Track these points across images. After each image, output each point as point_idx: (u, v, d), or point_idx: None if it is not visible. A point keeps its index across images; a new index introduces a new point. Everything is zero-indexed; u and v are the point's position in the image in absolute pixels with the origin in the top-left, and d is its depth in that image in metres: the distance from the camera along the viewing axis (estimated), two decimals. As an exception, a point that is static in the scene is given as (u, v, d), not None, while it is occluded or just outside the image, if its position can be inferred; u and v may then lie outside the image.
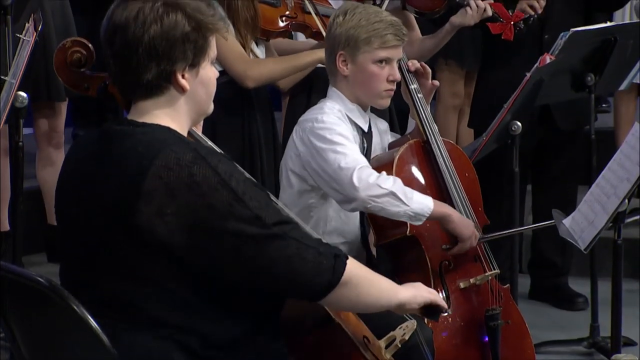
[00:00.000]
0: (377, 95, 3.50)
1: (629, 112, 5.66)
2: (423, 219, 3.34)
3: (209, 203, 2.22)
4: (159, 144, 2.26)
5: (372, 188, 3.27)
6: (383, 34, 3.43)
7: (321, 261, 2.29)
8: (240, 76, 3.84)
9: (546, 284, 4.94)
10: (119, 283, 2.28)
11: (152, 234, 2.21)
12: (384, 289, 2.44)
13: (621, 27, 4.48)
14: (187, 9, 2.31)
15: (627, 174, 3.15)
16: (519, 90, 3.92)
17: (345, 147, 3.35)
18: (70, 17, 4.82)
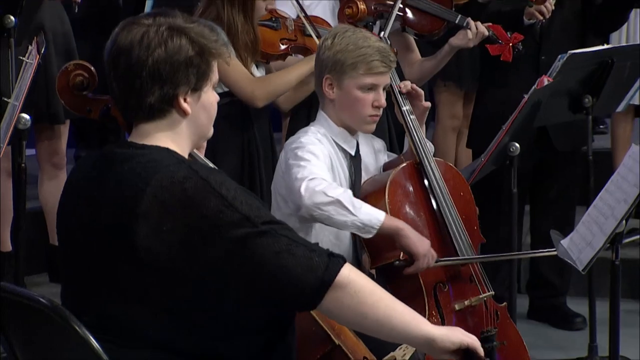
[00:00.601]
0: (362, 120, 3.46)
1: (626, 134, 5.66)
2: (373, 231, 3.26)
3: (202, 213, 2.22)
4: (155, 165, 2.27)
5: (317, 195, 3.21)
6: (369, 60, 3.39)
7: (312, 257, 2.21)
8: (249, 97, 3.85)
9: (544, 304, 4.94)
10: (120, 304, 2.28)
11: (151, 254, 2.22)
12: (399, 311, 2.27)
13: (618, 49, 4.50)
14: (191, 34, 2.32)
15: (624, 195, 3.15)
16: (517, 112, 3.92)
17: (308, 162, 3.30)
18: (72, 39, 4.83)
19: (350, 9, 4.04)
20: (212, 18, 3.76)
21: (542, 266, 4.89)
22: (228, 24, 3.80)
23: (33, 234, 4.77)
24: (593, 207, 3.28)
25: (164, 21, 2.32)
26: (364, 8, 4.04)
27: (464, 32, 4.25)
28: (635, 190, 3.11)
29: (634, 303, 5.05)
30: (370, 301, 2.24)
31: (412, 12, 4.29)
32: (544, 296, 4.95)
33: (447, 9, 4.32)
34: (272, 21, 3.99)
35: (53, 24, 4.71)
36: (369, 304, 2.24)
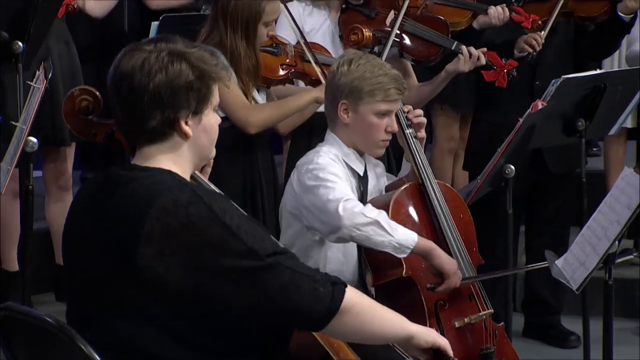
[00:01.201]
0: (374, 144, 3.51)
1: (618, 156, 5.66)
2: (407, 251, 3.31)
3: (205, 240, 2.23)
4: (159, 187, 2.27)
5: (356, 217, 3.26)
6: (386, 88, 3.44)
7: (317, 288, 2.26)
8: (243, 123, 3.85)
9: (539, 323, 4.93)
10: (123, 321, 2.28)
11: (153, 275, 2.22)
12: (389, 318, 2.39)
13: (610, 74, 4.51)
14: (191, 59, 2.33)
15: (617, 217, 3.15)
16: (512, 135, 3.92)
17: (335, 183, 3.34)
18: (77, 63, 4.84)
19: (355, 36, 4.06)
20: (215, 44, 3.77)
21: (537, 285, 4.89)
22: (231, 49, 3.81)
23: (39, 254, 4.77)
24: (586, 228, 3.29)
25: (165, 47, 2.32)
26: (369, 35, 4.07)
27: (458, 58, 4.27)
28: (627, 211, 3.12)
29: (627, 322, 5.05)
30: (369, 317, 2.33)
31: (410, 38, 4.30)
32: (539, 314, 4.94)
33: (444, 36, 4.34)
34: (273, 47, 4.00)
35: (59, 49, 4.73)
36: (367, 321, 2.33)
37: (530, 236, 4.90)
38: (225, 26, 3.84)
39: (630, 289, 5.16)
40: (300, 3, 4.22)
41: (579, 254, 3.25)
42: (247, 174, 3.99)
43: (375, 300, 3.46)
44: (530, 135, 4.05)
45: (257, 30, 3.85)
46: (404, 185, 3.56)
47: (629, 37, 5.01)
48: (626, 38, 5.09)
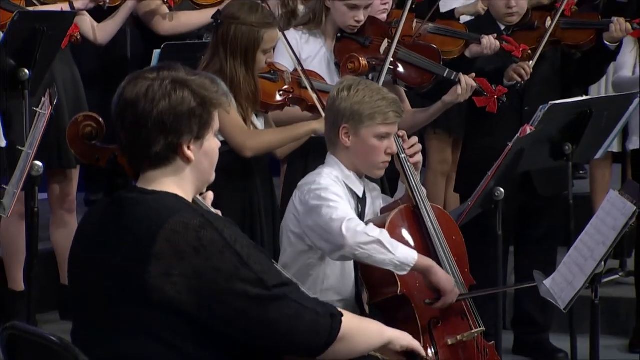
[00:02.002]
0: (375, 166, 3.54)
1: (604, 179, 5.67)
2: (407, 268, 3.32)
3: (216, 266, 2.23)
4: (168, 210, 2.28)
5: (359, 236, 3.28)
6: (386, 111, 3.47)
7: (318, 321, 2.31)
8: (240, 147, 3.84)
9: (529, 340, 4.92)
10: (128, 342, 2.27)
11: (161, 294, 2.22)
12: (371, 330, 2.46)
13: (596, 100, 4.52)
14: (193, 86, 2.33)
15: (603, 238, 3.15)
16: (502, 159, 3.93)
17: (337, 203, 3.37)
18: (81, 89, 4.86)
19: (352, 64, 4.09)
20: (216, 70, 3.78)
21: (526, 304, 4.87)
22: (231, 76, 3.82)
23: (45, 274, 4.76)
24: (574, 249, 3.29)
25: (168, 75, 2.33)
26: (365, 64, 4.09)
27: (454, 88, 4.28)
28: (613, 233, 3.12)
29: (614, 339, 5.04)
30: (357, 338, 2.40)
31: (403, 66, 4.31)
32: (528, 332, 4.92)
33: (436, 63, 4.35)
34: (271, 74, 4.01)
35: (64, 76, 4.75)
36: (356, 342, 2.40)
37: (519, 256, 4.89)
38: (226, 54, 3.85)
39: (616, 307, 5.15)
40: (297, 31, 4.23)
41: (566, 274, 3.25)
42: (246, 197, 3.99)
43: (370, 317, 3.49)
44: (519, 159, 4.05)
45: (256, 57, 3.86)
46: (398, 207, 3.57)
47: (616, 63, 5.03)
48: (613, 64, 5.11)
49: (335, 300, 3.51)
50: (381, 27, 4.33)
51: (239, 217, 3.87)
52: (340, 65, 4.20)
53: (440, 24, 4.80)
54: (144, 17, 5.14)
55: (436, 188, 5.59)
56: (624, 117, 4.40)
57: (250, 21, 3.83)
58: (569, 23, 4.79)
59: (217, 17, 3.90)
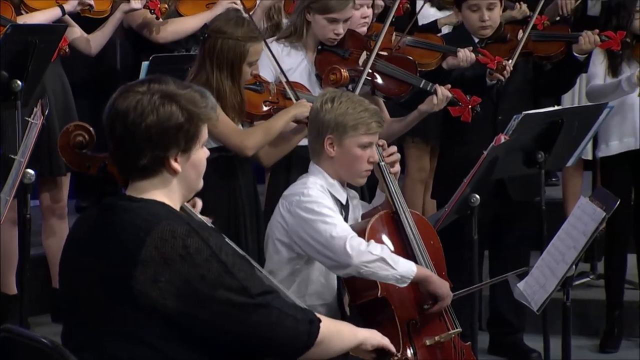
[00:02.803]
0: (358, 174, 3.55)
1: (575, 186, 5.69)
2: (408, 281, 3.36)
3: (201, 273, 2.23)
4: (155, 218, 2.27)
5: (364, 255, 3.31)
6: (368, 122, 3.49)
7: (298, 327, 2.33)
8: (239, 147, 3.85)
9: (503, 341, 4.92)
10: (116, 344, 2.26)
11: (147, 299, 2.21)
12: (345, 333, 2.49)
13: (567, 110, 4.54)
14: (181, 101, 2.32)
15: (574, 243, 3.17)
16: (477, 167, 3.93)
17: (333, 219, 3.39)
18: (71, 99, 4.84)
19: (334, 75, 4.09)
20: (202, 82, 3.77)
21: (501, 306, 4.88)
22: (217, 87, 3.81)
23: (37, 278, 4.73)
24: (546, 253, 3.30)
25: (158, 88, 2.32)
26: (347, 75, 4.09)
27: (430, 98, 4.29)
28: (583, 238, 3.14)
29: (585, 340, 5.06)
30: (333, 341, 2.43)
31: (381, 77, 4.32)
32: (503, 333, 4.93)
33: (412, 74, 4.36)
34: (256, 85, 4.01)
35: (54, 86, 4.73)
36: (332, 345, 2.43)
37: (494, 260, 4.90)
38: (212, 66, 3.85)
39: (587, 309, 5.16)
40: (279, 44, 4.23)
41: (539, 277, 3.26)
42: (231, 202, 3.98)
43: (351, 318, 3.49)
44: (493, 167, 4.06)
45: (241, 69, 3.86)
46: (378, 213, 3.57)
47: (587, 75, 5.05)
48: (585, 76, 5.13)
49: (318, 305, 3.53)
50: (360, 39, 4.34)
51: (224, 222, 3.86)
52: (320, 76, 4.21)
53: (419, 36, 4.81)
54: (138, 29, 5.12)
55: (414, 195, 5.59)
56: (594, 127, 4.42)
57: (236, 35, 3.83)
58: (540, 35, 4.82)
59: (204, 30, 3.91)
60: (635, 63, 4.92)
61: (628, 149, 4.95)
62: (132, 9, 4.89)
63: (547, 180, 5.42)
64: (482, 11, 4.65)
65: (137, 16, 5.03)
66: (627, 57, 4.91)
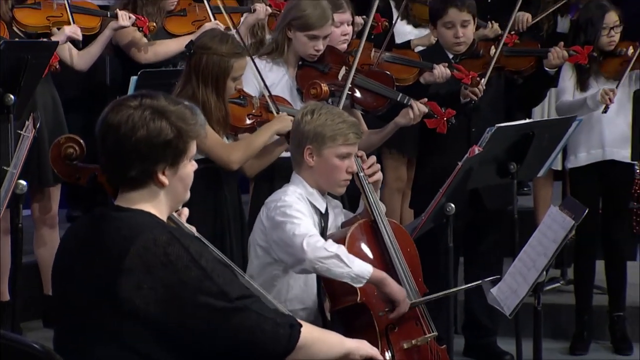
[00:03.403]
0: (337, 184, 3.54)
1: (546, 196, 5.72)
2: (363, 280, 3.32)
3: (182, 279, 2.23)
4: (139, 227, 2.27)
5: (319, 251, 3.28)
6: (346, 133, 3.49)
7: (278, 330, 2.30)
8: (225, 162, 3.85)
9: (478, 344, 4.93)
10: (103, 349, 2.26)
11: (131, 306, 2.21)
12: (331, 341, 2.45)
13: (538, 122, 4.57)
14: (171, 118, 2.32)
15: (544, 250, 3.18)
16: (452, 177, 3.94)
17: (300, 220, 3.38)
18: (61, 113, 4.83)
19: (315, 90, 4.09)
20: (188, 96, 3.76)
21: (475, 310, 4.89)
22: (202, 101, 3.80)
23: (28, 285, 4.72)
24: (518, 260, 3.31)
25: (149, 104, 2.31)
26: (327, 89, 4.10)
27: (406, 111, 4.30)
28: (553, 245, 3.14)
29: (555, 343, 5.08)
30: (317, 348, 2.39)
31: (360, 91, 4.33)
32: (477, 336, 4.94)
33: (390, 89, 4.37)
34: (240, 99, 4.01)
35: (44, 100, 4.72)
36: (316, 351, 2.39)
37: (469, 267, 4.91)
38: (198, 81, 3.84)
39: (557, 313, 5.19)
40: (261, 60, 4.23)
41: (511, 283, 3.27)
42: (217, 212, 3.97)
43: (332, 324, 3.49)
44: (468, 177, 4.07)
45: (226, 84, 3.85)
46: (358, 222, 3.57)
47: (557, 89, 5.08)
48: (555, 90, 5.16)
49: (299, 309, 3.52)
50: (339, 55, 4.35)
51: (210, 231, 3.85)
52: (301, 90, 4.21)
53: (396, 53, 4.83)
54: (125, 48, 5.12)
55: (392, 204, 5.59)
56: (563, 139, 4.45)
57: (221, 51, 3.83)
58: (511, 51, 4.85)
59: (190, 47, 3.90)
60: (602, 78, 4.96)
61: (595, 160, 4.97)
62: (121, 27, 4.89)
63: (519, 189, 5.44)
64: (457, 28, 4.68)
65: (125, 34, 5.03)
66: (594, 72, 4.95)
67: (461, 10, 4.65)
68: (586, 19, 4.97)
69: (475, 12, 4.73)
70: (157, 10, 5.07)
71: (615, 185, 5.01)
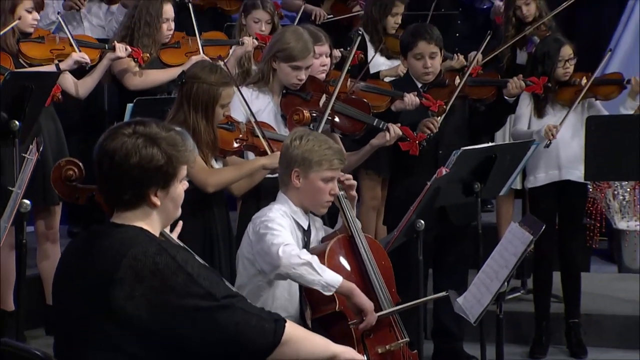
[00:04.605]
0: (320, 205, 3.55)
1: (508, 212, 5.73)
2: (332, 289, 3.31)
3: (170, 285, 2.22)
4: (131, 241, 2.27)
5: (292, 258, 3.28)
6: (331, 159, 3.49)
7: (263, 325, 2.27)
8: (202, 184, 3.83)
9: (446, 348, 4.92)
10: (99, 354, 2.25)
11: (124, 313, 2.20)
12: (317, 343, 2.41)
13: (500, 146, 4.59)
14: (162, 144, 2.31)
15: (506, 262, 3.19)
16: (422, 196, 3.95)
17: (280, 232, 3.37)
18: (63, 138, 4.83)
19: (297, 116, 4.10)
20: (180, 122, 3.76)
21: (443, 318, 4.88)
22: (193, 126, 3.80)
23: (32, 295, 4.68)
24: (482, 272, 3.32)
25: (142, 131, 2.31)
26: (309, 115, 4.10)
27: (382, 134, 4.31)
28: (514, 258, 3.16)
29: (517, 347, 5.08)
30: (303, 345, 2.35)
31: (339, 117, 4.34)
32: (445, 342, 4.93)
33: (367, 114, 4.38)
34: (228, 125, 4.00)
35: (49, 128, 4.71)
36: (302, 348, 2.35)
37: (437, 278, 4.90)
38: (189, 107, 3.84)
39: (518, 320, 5.18)
40: (248, 89, 4.24)
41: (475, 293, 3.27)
42: (207, 228, 3.96)
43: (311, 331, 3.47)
44: (436, 196, 4.07)
45: (214, 111, 3.85)
46: (337, 237, 3.57)
47: (514, 115, 5.11)
48: (512, 116, 5.19)
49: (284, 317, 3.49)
50: (320, 84, 4.36)
51: (200, 247, 3.83)
52: (285, 116, 4.21)
53: (370, 82, 4.85)
54: (117, 74, 5.11)
55: (368, 220, 5.59)
56: (523, 161, 4.47)
57: (210, 81, 3.83)
58: (474, 81, 4.89)
59: (182, 76, 3.90)
60: (558, 105, 5.00)
61: (552, 180, 5.00)
62: (118, 57, 4.89)
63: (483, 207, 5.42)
64: (425, 59, 4.70)
65: (121, 64, 5.02)
66: (551, 100, 4.99)
67: (429, 43, 4.68)
68: (544, 52, 5.01)
69: (442, 45, 4.77)
70: (153, 42, 5.07)
71: (570, 203, 5.04)
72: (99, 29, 5.87)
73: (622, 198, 6.52)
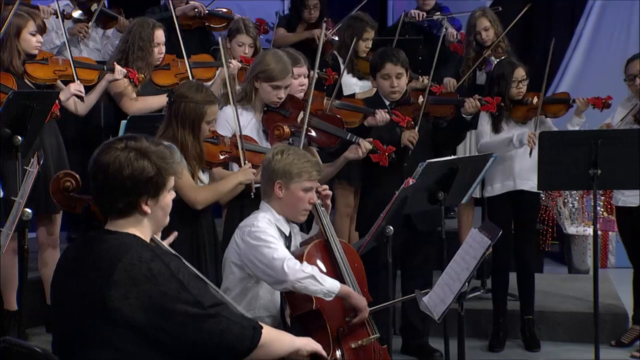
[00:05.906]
0: (300, 213, 3.56)
1: (468, 219, 5.75)
2: (333, 295, 3.35)
3: (163, 290, 2.22)
4: (126, 247, 2.26)
5: (298, 273, 3.31)
6: (310, 171, 3.52)
7: (244, 332, 2.31)
8: (192, 202, 3.80)
9: (412, 343, 4.93)
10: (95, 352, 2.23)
11: (119, 314, 2.20)
12: (283, 340, 2.46)
13: (461, 159, 4.60)
14: (152, 157, 2.32)
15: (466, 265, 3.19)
16: (391, 204, 3.95)
17: (275, 245, 3.39)
18: (64, 152, 4.80)
19: (278, 131, 4.10)
20: (169, 137, 3.74)
21: (410, 315, 4.89)
22: (181, 141, 3.78)
23: (34, 296, 4.64)
24: (445, 273, 3.32)
25: (133, 146, 2.32)
26: (288, 130, 4.11)
27: (355, 147, 4.32)
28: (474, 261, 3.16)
29: (477, 341, 5.10)
30: (274, 346, 2.40)
31: (316, 131, 4.34)
32: (412, 337, 4.94)
33: (341, 129, 4.39)
34: (214, 139, 3.98)
35: (50, 142, 4.68)
36: (273, 348, 2.40)
37: (404, 279, 4.91)
38: (177, 124, 3.81)
39: (478, 317, 5.20)
40: (232, 106, 4.23)
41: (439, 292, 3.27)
42: (194, 236, 3.93)
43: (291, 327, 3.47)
44: (404, 204, 4.08)
45: (200, 127, 3.83)
46: (313, 242, 3.57)
47: (477, 132, 5.14)
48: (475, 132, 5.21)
49: (265, 316, 3.52)
50: (298, 102, 4.35)
51: (188, 252, 3.80)
52: (267, 131, 4.21)
53: (345, 100, 4.86)
54: (114, 97, 5.08)
55: (342, 226, 5.60)
56: (482, 172, 4.49)
57: (197, 99, 3.81)
58: (435, 100, 4.92)
59: (170, 95, 3.88)
60: (512, 122, 5.03)
61: (508, 190, 5.03)
62: (115, 79, 4.87)
63: (446, 214, 5.47)
64: (392, 79, 4.72)
65: (118, 85, 4.99)
66: (505, 117, 5.03)
67: (396, 64, 4.70)
68: (499, 74, 5.05)
69: (407, 67, 4.79)
70: (146, 65, 5.04)
71: (524, 210, 5.06)
72: (95, 52, 5.85)
73: (571, 206, 6.57)
